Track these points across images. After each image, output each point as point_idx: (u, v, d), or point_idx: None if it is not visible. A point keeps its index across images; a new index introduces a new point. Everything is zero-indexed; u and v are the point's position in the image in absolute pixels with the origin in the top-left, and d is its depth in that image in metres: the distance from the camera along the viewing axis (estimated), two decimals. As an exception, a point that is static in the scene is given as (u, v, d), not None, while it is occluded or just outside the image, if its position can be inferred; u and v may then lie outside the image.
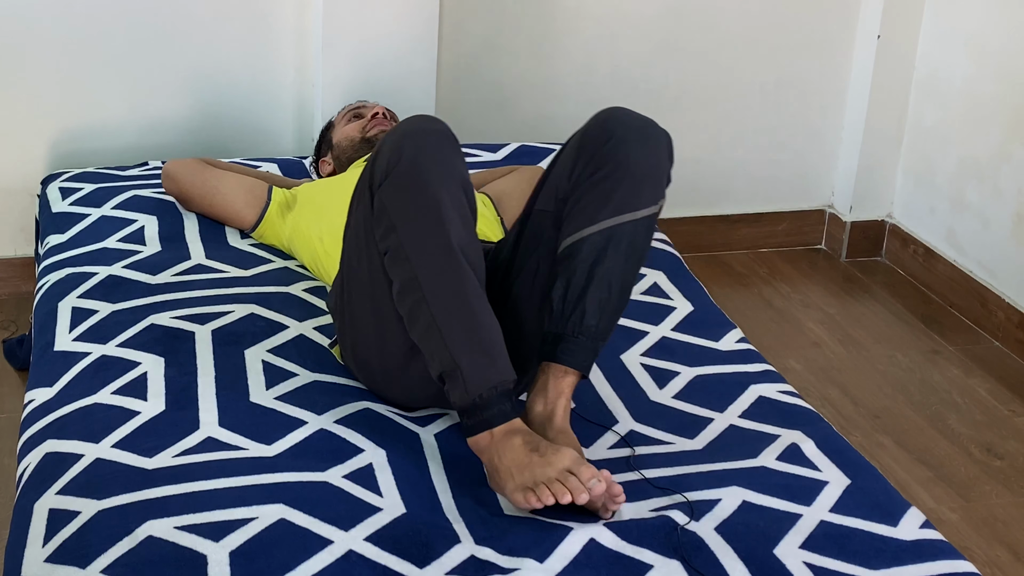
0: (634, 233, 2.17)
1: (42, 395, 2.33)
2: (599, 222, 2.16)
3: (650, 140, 2.21)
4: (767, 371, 2.53)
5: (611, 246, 2.15)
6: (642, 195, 2.17)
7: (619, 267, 2.16)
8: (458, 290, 2.04)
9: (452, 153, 2.10)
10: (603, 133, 2.20)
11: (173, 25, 3.53)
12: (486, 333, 2.04)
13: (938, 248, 4.01)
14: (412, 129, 2.11)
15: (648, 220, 2.19)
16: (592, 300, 2.15)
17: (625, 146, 2.17)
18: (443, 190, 2.06)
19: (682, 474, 2.16)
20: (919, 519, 2.08)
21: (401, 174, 2.07)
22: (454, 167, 2.09)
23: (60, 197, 3.15)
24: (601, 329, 2.17)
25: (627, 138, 2.19)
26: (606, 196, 2.16)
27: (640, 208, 2.17)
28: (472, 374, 2.02)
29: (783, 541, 2.00)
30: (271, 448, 2.15)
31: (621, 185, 2.16)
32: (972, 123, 3.85)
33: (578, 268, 2.16)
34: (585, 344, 2.15)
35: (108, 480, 2.05)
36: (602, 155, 2.17)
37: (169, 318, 2.55)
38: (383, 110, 3.08)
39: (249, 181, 2.98)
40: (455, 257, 2.05)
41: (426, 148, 2.08)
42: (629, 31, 3.89)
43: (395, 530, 1.97)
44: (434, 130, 2.11)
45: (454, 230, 2.05)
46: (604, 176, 2.16)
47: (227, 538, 1.92)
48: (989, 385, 3.49)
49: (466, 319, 2.04)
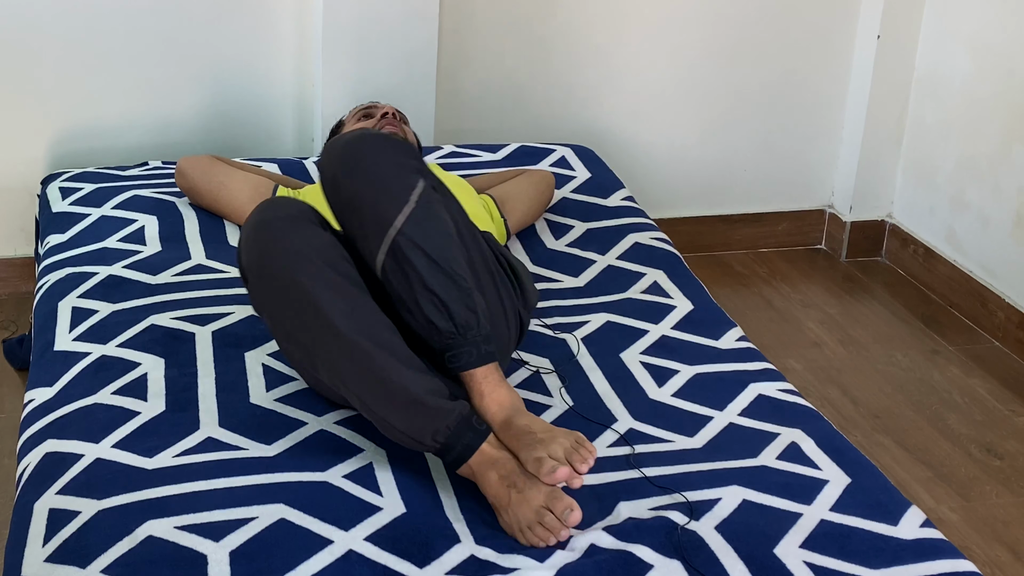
0: (408, 239, 2.12)
1: (42, 395, 2.33)
2: (377, 251, 2.14)
3: (346, 168, 2.19)
4: (767, 370, 2.53)
5: (400, 259, 2.12)
6: (386, 211, 2.14)
7: (423, 268, 2.12)
8: (358, 364, 2.04)
9: (302, 230, 2.10)
10: (326, 180, 2.21)
11: (173, 25, 3.53)
12: (402, 391, 2.03)
13: (938, 248, 4.01)
14: (257, 222, 2.11)
15: (410, 218, 2.13)
16: (427, 305, 2.12)
17: (342, 187, 2.17)
18: (301, 274, 2.05)
19: (682, 473, 2.16)
20: (919, 518, 2.08)
21: (259, 276, 2.10)
22: (307, 244, 2.08)
23: (60, 197, 3.15)
24: (459, 323, 2.13)
25: (337, 179, 2.18)
26: (361, 231, 2.16)
27: (393, 221, 2.13)
28: (413, 431, 2.04)
29: (783, 540, 2.00)
30: (271, 448, 2.15)
31: (364, 221, 2.15)
32: (972, 123, 3.85)
33: (396, 289, 2.14)
34: (461, 343, 2.13)
35: (108, 480, 2.05)
36: (336, 201, 2.19)
37: (169, 319, 2.55)
38: (393, 111, 3.08)
39: (256, 179, 3.00)
40: (338, 335, 2.04)
41: (272, 242, 2.08)
42: (629, 31, 3.89)
43: (395, 530, 1.97)
44: (276, 217, 2.11)
45: (329, 307, 2.04)
46: (348, 217, 2.18)
47: (227, 538, 1.92)
48: (989, 385, 3.48)
49: (378, 387, 2.04)
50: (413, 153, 2.21)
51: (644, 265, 2.93)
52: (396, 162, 2.16)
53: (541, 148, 3.53)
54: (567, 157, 3.47)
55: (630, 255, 2.98)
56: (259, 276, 2.10)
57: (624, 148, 3.96)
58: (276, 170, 3.32)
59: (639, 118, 3.99)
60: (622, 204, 3.25)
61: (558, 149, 3.52)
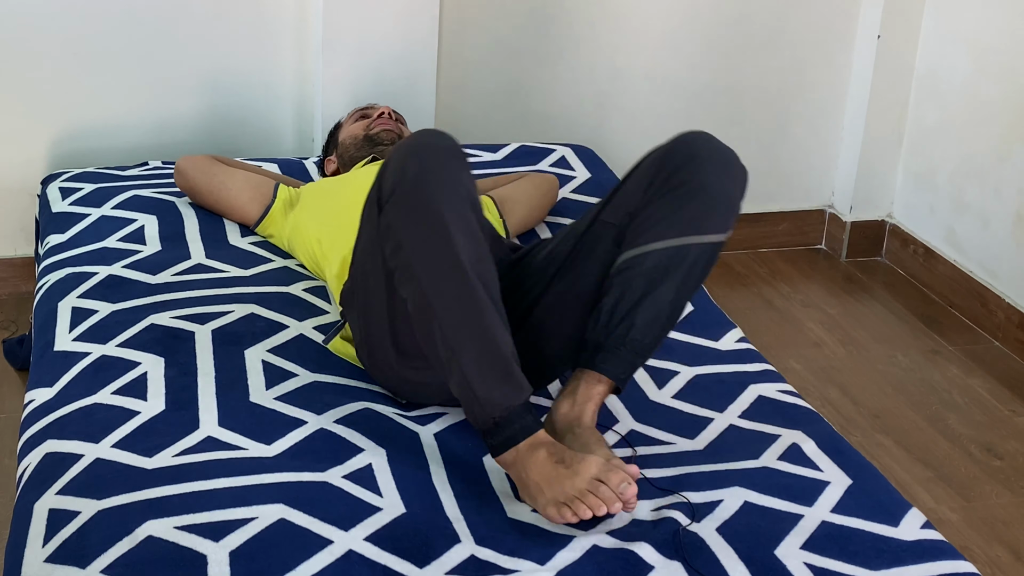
0: (698, 256, 2.15)
1: (42, 395, 2.33)
2: (667, 239, 2.14)
3: (731, 169, 2.19)
4: (767, 371, 2.53)
5: (673, 265, 2.14)
6: (714, 220, 2.15)
7: (676, 288, 2.15)
8: (468, 310, 2.02)
9: (459, 169, 2.08)
10: (687, 154, 2.17)
11: (173, 24, 3.52)
12: (499, 352, 2.02)
13: (938, 248, 4.01)
14: (417, 144, 2.08)
15: (714, 247, 2.17)
16: (644, 314, 2.13)
17: (706, 170, 2.16)
18: (449, 208, 2.03)
19: (683, 474, 2.16)
20: (920, 519, 2.08)
21: (406, 192, 2.05)
22: (460, 183, 2.06)
23: (60, 197, 3.15)
24: (645, 345, 2.15)
25: (710, 163, 2.17)
26: (678, 215, 2.15)
27: (710, 232, 2.15)
28: (487, 398, 2.01)
29: (784, 542, 1.99)
30: (271, 448, 2.15)
31: (696, 206, 2.14)
32: (972, 123, 3.85)
33: (636, 281, 2.14)
34: (625, 356, 2.14)
35: (108, 480, 2.04)
36: (682, 175, 2.16)
37: (169, 318, 2.54)
38: (389, 111, 3.09)
39: (256, 178, 2.99)
40: (464, 276, 2.02)
41: (431, 165, 2.05)
42: (630, 32, 3.89)
43: (395, 530, 1.97)
44: (441, 146, 2.08)
45: (462, 247, 2.02)
46: (681, 195, 2.15)
47: (227, 538, 1.91)
48: (989, 385, 3.48)
49: (477, 340, 2.02)
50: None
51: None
52: (741, 201, 2.18)
53: (541, 148, 3.53)
54: (567, 157, 3.47)
55: (630, 255, 2.97)
56: (406, 196, 2.04)
57: (625, 148, 3.95)
58: (276, 170, 3.32)
59: (639, 117, 3.99)
60: (622, 204, 3.24)
61: (558, 149, 3.51)
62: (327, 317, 2.59)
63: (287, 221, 2.87)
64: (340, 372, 2.40)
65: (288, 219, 2.86)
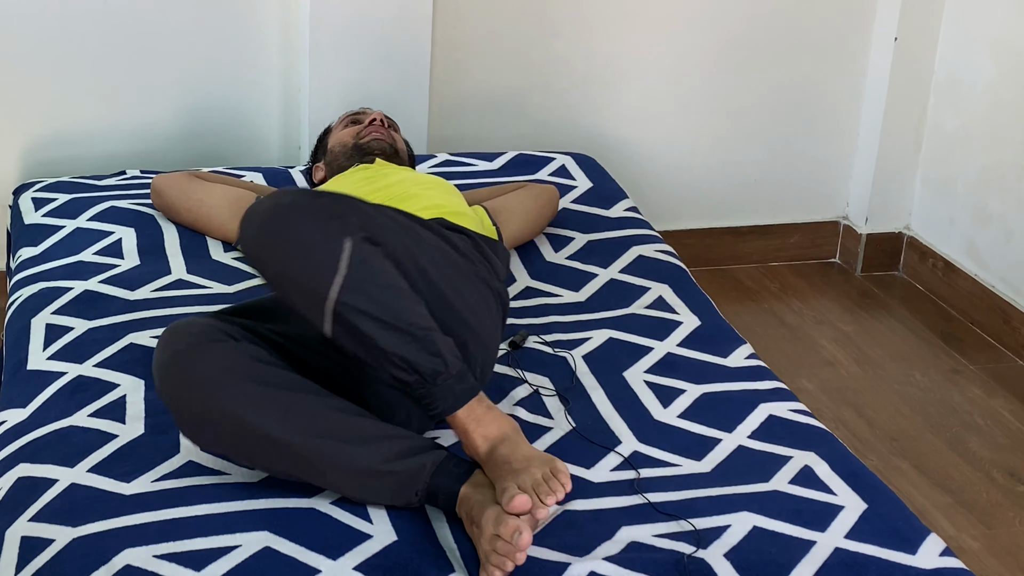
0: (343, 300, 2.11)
1: (15, 416, 2.33)
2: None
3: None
4: (778, 389, 2.53)
5: (345, 323, 2.11)
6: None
7: (367, 327, 2.10)
8: (313, 462, 2.06)
9: (207, 353, 2.10)
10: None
11: (153, 26, 3.53)
12: (369, 465, 2.06)
13: (958, 262, 4.02)
14: (163, 360, 2.12)
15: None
16: (387, 365, 2.11)
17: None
18: (224, 401, 2.05)
19: (689, 498, 2.17)
20: (939, 546, 2.08)
21: (179, 414, 2.11)
22: (216, 367, 2.08)
23: (33, 208, 3.15)
24: (426, 373, 2.11)
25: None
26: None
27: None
28: (398, 498, 2.08)
29: (796, 569, 2.00)
30: (255, 473, 2.15)
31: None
32: (994, 129, 3.86)
33: (352, 351, 2.14)
34: (434, 391, 2.12)
35: (84, 506, 2.05)
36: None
37: (149, 337, 2.55)
38: (381, 117, 3.09)
39: (236, 192, 2.99)
40: (281, 444, 2.05)
41: (181, 379, 2.09)
42: (633, 32, 3.90)
43: (385, 559, 1.98)
44: (178, 351, 2.11)
45: (265, 419, 2.05)
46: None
47: (209, 567, 1.92)
48: (1012, 406, 3.49)
49: (343, 472, 2.07)
50: (335, 205, 2.14)
51: (648, 279, 2.94)
52: (317, 227, 2.09)
53: (540, 156, 3.54)
54: (567, 166, 3.48)
55: (634, 268, 2.99)
56: (181, 413, 2.10)
57: (627, 156, 3.96)
58: (261, 180, 3.32)
59: (643, 124, 4.00)
60: (625, 215, 3.26)
61: (558, 157, 3.53)
62: (314, 334, 2.59)
63: (271, 234, 2.86)
64: (328, 392, 2.40)
65: (273, 232, 2.86)
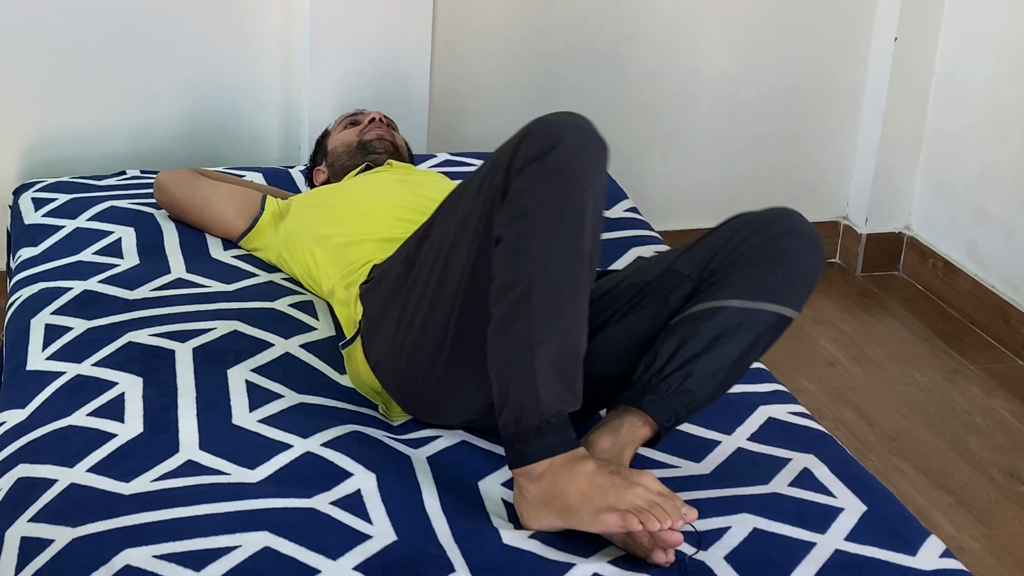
0: (769, 325, 2.18)
1: (14, 417, 2.33)
2: (744, 299, 2.17)
3: (822, 255, 2.28)
4: (777, 391, 2.54)
5: (747, 326, 2.16)
6: (795, 295, 2.21)
7: (743, 349, 2.17)
8: (569, 303, 2.00)
9: (604, 162, 2.07)
10: (786, 228, 2.24)
11: (152, 25, 3.54)
12: (576, 355, 2.02)
13: (958, 262, 4.02)
14: (574, 122, 2.06)
15: (783, 322, 2.20)
16: (704, 366, 2.15)
17: (802, 247, 2.23)
18: (591, 194, 2.02)
19: (689, 500, 2.16)
20: (939, 548, 2.08)
21: (556, 161, 2.02)
22: (602, 176, 2.07)
23: (33, 208, 3.15)
24: (697, 399, 2.16)
25: (806, 241, 2.25)
26: (762, 279, 2.19)
27: (787, 305, 2.19)
28: (547, 397, 1.98)
29: (796, 571, 2.00)
30: (255, 472, 2.15)
31: (783, 277, 2.19)
32: (995, 129, 3.86)
33: (702, 331, 2.15)
34: (675, 405, 2.14)
35: (83, 506, 2.05)
36: (777, 244, 2.21)
37: (148, 335, 2.55)
38: (380, 116, 3.10)
39: (242, 191, 2.99)
40: (581, 267, 2.01)
41: (588, 146, 2.04)
42: (631, 36, 3.90)
43: (386, 559, 1.97)
44: (596, 132, 2.07)
45: (588, 239, 2.02)
46: (771, 262, 2.20)
47: (209, 567, 1.92)
48: (1012, 406, 3.49)
49: (564, 336, 2.00)
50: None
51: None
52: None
53: (540, 156, 3.53)
54: (568, 166, 3.47)
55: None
56: (556, 164, 2.01)
57: (626, 156, 3.97)
58: (261, 180, 3.33)
59: (642, 124, 4.00)
60: (625, 216, 3.26)
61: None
62: (314, 334, 2.60)
63: (278, 233, 2.87)
64: (328, 393, 2.41)
65: (279, 230, 2.87)
